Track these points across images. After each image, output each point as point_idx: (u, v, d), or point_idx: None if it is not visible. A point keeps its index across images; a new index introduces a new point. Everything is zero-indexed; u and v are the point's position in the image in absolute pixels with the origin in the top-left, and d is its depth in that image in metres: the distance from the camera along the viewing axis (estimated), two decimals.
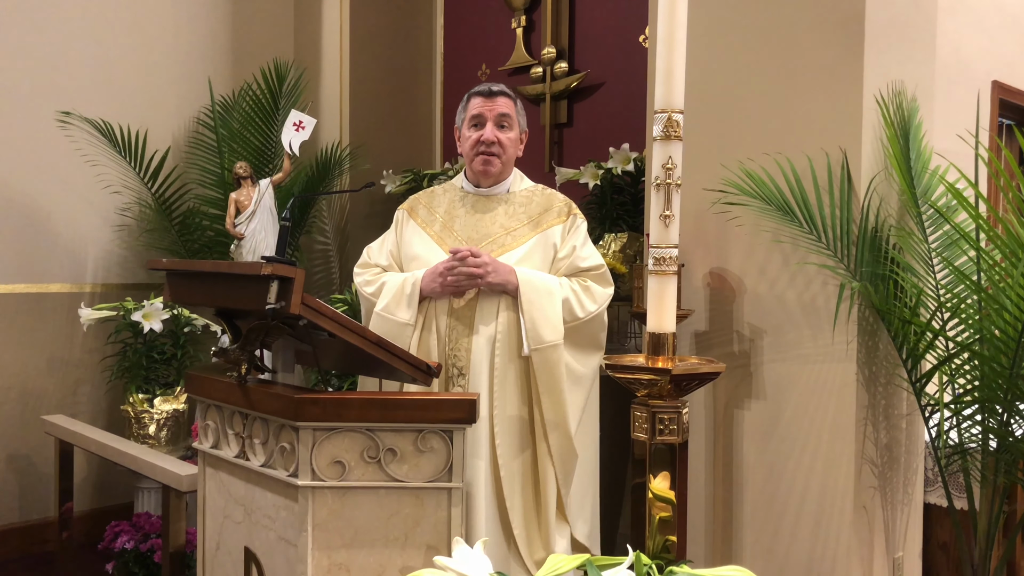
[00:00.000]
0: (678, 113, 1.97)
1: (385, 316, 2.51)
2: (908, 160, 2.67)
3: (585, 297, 2.51)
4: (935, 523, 2.97)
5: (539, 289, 2.45)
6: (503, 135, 2.58)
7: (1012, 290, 2.31)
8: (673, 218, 2.00)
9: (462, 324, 2.47)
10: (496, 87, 2.62)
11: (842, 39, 2.63)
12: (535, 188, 2.69)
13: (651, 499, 2.04)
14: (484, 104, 2.58)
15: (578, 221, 2.62)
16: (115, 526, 3.56)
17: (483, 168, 2.59)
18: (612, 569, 1.40)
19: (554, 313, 2.44)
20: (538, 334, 2.42)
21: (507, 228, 2.57)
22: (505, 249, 2.53)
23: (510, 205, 2.62)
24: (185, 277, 2.17)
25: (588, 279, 2.55)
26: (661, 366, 2.04)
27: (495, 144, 2.56)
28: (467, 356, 2.45)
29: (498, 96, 2.59)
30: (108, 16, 4.32)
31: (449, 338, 2.48)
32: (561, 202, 2.65)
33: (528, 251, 2.54)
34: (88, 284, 4.30)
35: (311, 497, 1.89)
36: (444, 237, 2.59)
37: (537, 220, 2.59)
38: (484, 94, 2.60)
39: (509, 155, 2.62)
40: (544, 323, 2.42)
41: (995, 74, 4.38)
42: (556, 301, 2.45)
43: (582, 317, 2.49)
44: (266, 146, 4.53)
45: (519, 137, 2.66)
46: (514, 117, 2.62)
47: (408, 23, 5.02)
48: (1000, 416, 2.47)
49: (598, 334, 2.56)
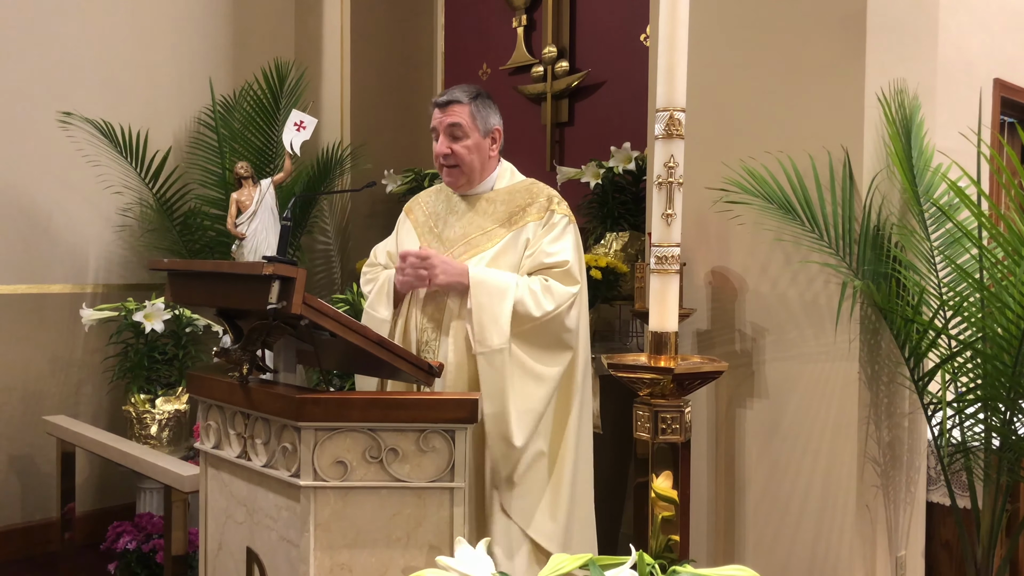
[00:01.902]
0: (680, 111, 1.97)
1: (369, 312, 2.55)
2: (910, 158, 2.67)
3: (544, 297, 2.39)
4: (938, 522, 2.97)
5: (491, 291, 2.37)
6: (457, 145, 2.51)
7: (1015, 288, 2.31)
8: (675, 217, 2.00)
9: (433, 323, 2.47)
10: (447, 96, 2.54)
11: (844, 37, 2.62)
12: (522, 183, 2.61)
13: (654, 498, 2.04)
14: (437, 116, 2.54)
15: (556, 217, 2.49)
16: (117, 526, 3.56)
17: (447, 180, 2.58)
18: (615, 569, 1.39)
19: (503, 316, 2.35)
20: (484, 337, 2.34)
21: (483, 228, 2.53)
22: (479, 250, 2.49)
23: (491, 204, 2.56)
24: (186, 277, 2.17)
25: (550, 277, 2.43)
26: (663, 365, 2.04)
27: (450, 155, 2.51)
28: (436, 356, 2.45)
29: (448, 105, 2.52)
30: (109, 16, 4.32)
31: (421, 337, 2.48)
32: (543, 197, 2.53)
33: (499, 251, 2.47)
34: (89, 284, 4.30)
35: (313, 497, 1.89)
36: (428, 237, 2.60)
37: (513, 217, 2.51)
38: (437, 104, 2.54)
39: (468, 162, 2.52)
40: (491, 326, 2.34)
41: (997, 72, 4.37)
42: (507, 303, 2.36)
43: (539, 317, 2.37)
44: (267, 146, 4.54)
45: (482, 141, 2.54)
46: (468, 124, 2.51)
47: (409, 22, 5.02)
48: (1003, 414, 2.46)
49: (561, 334, 2.43)
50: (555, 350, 2.43)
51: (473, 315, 2.36)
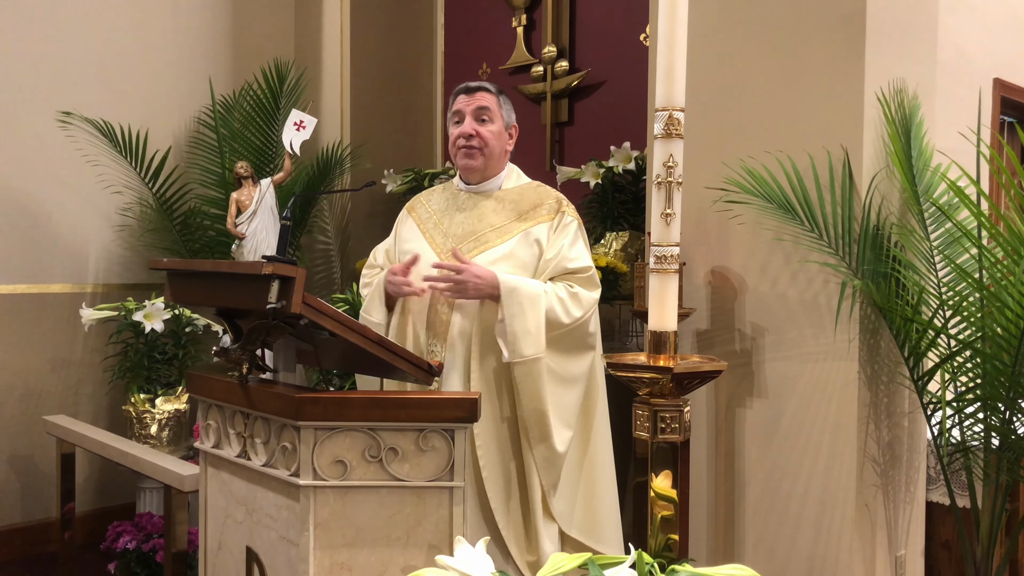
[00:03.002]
0: (679, 111, 1.97)
1: (364, 316, 2.56)
2: (909, 158, 2.67)
3: (572, 304, 2.42)
4: (937, 521, 2.97)
5: (523, 301, 2.37)
6: (483, 128, 2.53)
7: (1014, 288, 2.31)
8: (674, 216, 2.00)
9: (439, 321, 2.47)
10: (476, 84, 2.58)
11: (843, 37, 2.62)
12: (528, 184, 2.64)
13: (653, 498, 2.04)
14: (463, 100, 2.56)
15: (567, 219, 2.52)
16: (117, 526, 3.56)
17: (465, 162, 2.55)
18: (614, 568, 1.39)
19: (536, 327, 2.36)
20: (518, 348, 2.35)
21: (493, 225, 2.53)
22: (488, 246, 2.49)
23: (500, 202, 2.57)
24: (186, 277, 2.17)
25: (575, 283, 2.46)
26: (663, 364, 2.04)
27: (474, 137, 2.52)
28: (441, 353, 2.44)
29: (477, 91, 2.55)
30: (109, 16, 4.32)
31: (426, 334, 2.48)
32: (552, 199, 2.56)
33: (511, 249, 2.48)
34: (89, 284, 4.30)
35: (313, 497, 1.89)
36: (433, 234, 2.59)
37: (524, 217, 2.53)
38: (464, 91, 2.57)
39: (492, 148, 2.55)
40: (525, 337, 2.35)
41: (996, 71, 4.37)
42: (540, 313, 2.37)
43: (568, 324, 2.41)
44: (267, 146, 4.54)
45: (504, 131, 2.58)
46: (495, 110, 2.56)
47: (409, 22, 5.02)
48: (1002, 414, 2.47)
49: (585, 338, 2.48)
50: (581, 352, 2.49)
51: (507, 326, 2.37)
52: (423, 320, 2.49)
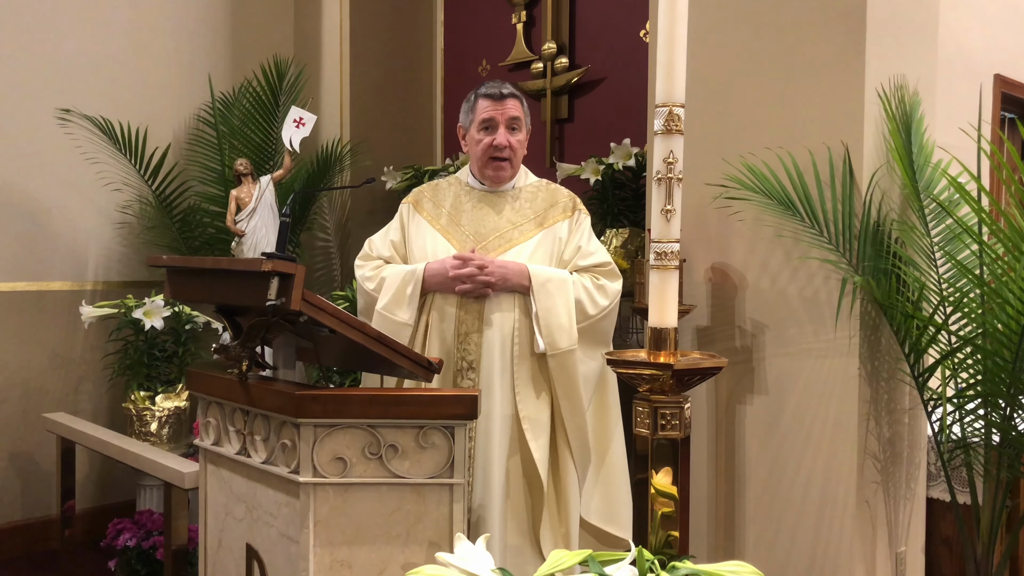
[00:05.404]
0: (679, 107, 1.97)
1: (385, 315, 2.52)
2: (910, 154, 2.66)
3: (598, 295, 2.52)
4: (938, 518, 2.96)
5: (552, 294, 2.45)
6: (514, 138, 2.59)
7: (1015, 284, 2.31)
8: (674, 213, 1.99)
9: (472, 317, 2.47)
10: (505, 89, 2.60)
11: (843, 33, 2.62)
12: (540, 183, 2.71)
13: (653, 495, 2.03)
14: (495, 107, 2.56)
15: (582, 216, 2.64)
16: (117, 523, 3.56)
17: (495, 174, 2.60)
18: (614, 564, 1.39)
19: (568, 319, 2.45)
20: (553, 341, 2.44)
21: (514, 223, 2.58)
22: (512, 244, 2.55)
23: (516, 200, 2.63)
24: (186, 274, 2.17)
25: (600, 275, 2.56)
26: (663, 361, 2.04)
27: (507, 148, 2.56)
28: (478, 351, 2.44)
29: (508, 99, 2.58)
30: (108, 13, 4.32)
31: (459, 331, 2.47)
32: (566, 197, 2.67)
33: (535, 246, 2.55)
34: (89, 282, 4.30)
35: (312, 494, 1.89)
36: (451, 231, 2.59)
37: (543, 216, 2.60)
38: (494, 97, 2.57)
39: (519, 157, 2.64)
40: (559, 330, 2.44)
41: (997, 67, 4.36)
42: (570, 304, 2.47)
43: (594, 315, 2.51)
44: (266, 143, 4.53)
45: (525, 138, 2.66)
46: (523, 118, 2.61)
47: (408, 19, 5.01)
48: (1003, 410, 2.46)
49: (608, 330, 2.58)
50: (599, 345, 2.56)
51: (541, 320, 2.44)
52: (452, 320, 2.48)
